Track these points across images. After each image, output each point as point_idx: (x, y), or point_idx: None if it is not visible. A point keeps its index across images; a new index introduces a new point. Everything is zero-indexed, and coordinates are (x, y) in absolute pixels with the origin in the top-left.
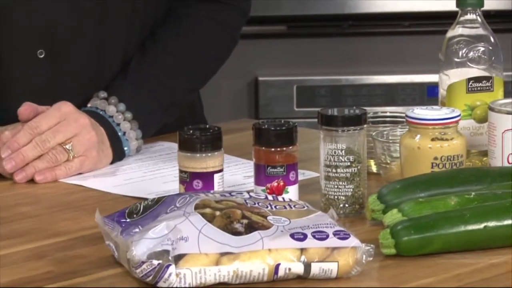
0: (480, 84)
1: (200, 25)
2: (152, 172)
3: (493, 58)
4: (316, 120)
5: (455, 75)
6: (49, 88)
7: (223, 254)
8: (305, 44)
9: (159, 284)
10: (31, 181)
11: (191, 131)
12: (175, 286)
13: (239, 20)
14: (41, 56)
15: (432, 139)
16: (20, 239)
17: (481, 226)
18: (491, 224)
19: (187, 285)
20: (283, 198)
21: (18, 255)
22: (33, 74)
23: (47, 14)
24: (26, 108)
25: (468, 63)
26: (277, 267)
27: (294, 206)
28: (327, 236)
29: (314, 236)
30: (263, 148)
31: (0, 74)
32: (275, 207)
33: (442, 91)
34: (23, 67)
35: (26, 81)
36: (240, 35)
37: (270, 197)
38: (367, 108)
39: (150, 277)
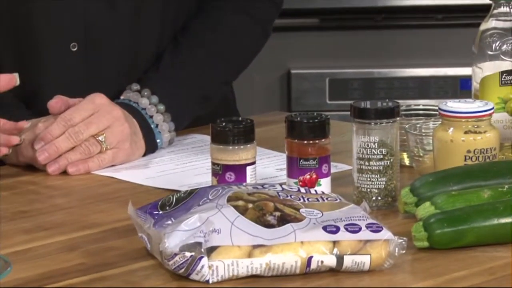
0: None
1: (232, 18)
2: (184, 164)
3: None
4: (348, 113)
5: (488, 68)
6: (83, 80)
7: (255, 246)
8: (337, 37)
9: (192, 276)
10: (64, 173)
11: (223, 124)
12: (207, 278)
13: (272, 13)
14: (74, 49)
15: (465, 132)
16: (53, 231)
17: None
18: None
19: (219, 277)
20: (315, 191)
21: (51, 246)
22: (67, 67)
23: (80, 7)
24: (57, 101)
25: (502, 56)
26: (309, 259)
27: (326, 198)
28: (360, 229)
29: (346, 229)
30: (296, 140)
31: (34, 67)
32: (307, 199)
33: (475, 84)
34: (57, 60)
35: (60, 74)
36: (273, 28)
37: (302, 190)
38: (400, 101)
39: (183, 269)
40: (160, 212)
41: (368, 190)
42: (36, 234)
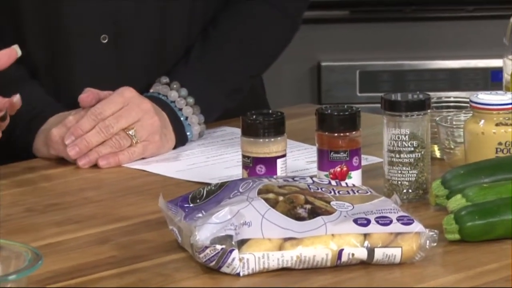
0: None
1: (261, 11)
2: (214, 157)
3: None
4: (378, 105)
5: None
6: (112, 73)
7: (286, 239)
8: (367, 29)
9: (223, 269)
10: (95, 166)
11: (254, 116)
12: (238, 271)
13: (301, 5)
14: (105, 41)
15: (497, 124)
16: (84, 224)
17: None
18: None
19: (250, 270)
20: (346, 184)
21: (82, 239)
22: (97, 60)
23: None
24: (87, 95)
25: None
26: (340, 252)
27: (357, 191)
28: (391, 222)
29: (377, 222)
30: (326, 133)
31: (64, 60)
32: (338, 192)
33: (506, 76)
34: (87, 52)
35: (90, 67)
36: (303, 20)
37: (333, 182)
38: (431, 93)
39: (214, 262)
40: (191, 205)
41: (399, 182)
42: (67, 227)
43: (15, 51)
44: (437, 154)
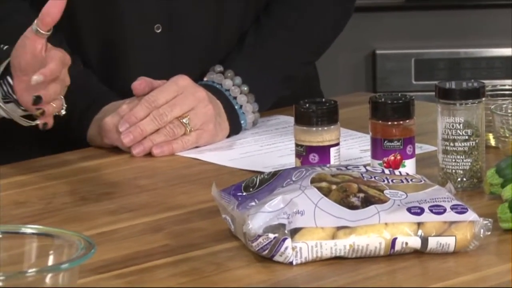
0: None
1: None
2: (268, 145)
3: None
4: (433, 93)
5: None
6: (167, 62)
7: (339, 228)
8: (423, 16)
9: (275, 258)
10: (149, 154)
11: (307, 105)
12: (291, 259)
13: None
14: (158, 31)
15: None
16: (138, 212)
17: None
18: None
19: (303, 259)
20: (400, 172)
21: (136, 228)
22: (151, 49)
23: None
24: (140, 83)
25: None
26: (393, 241)
27: (411, 180)
28: (445, 210)
29: (431, 210)
30: (380, 121)
31: (118, 49)
32: (391, 181)
33: None
34: (141, 42)
35: (144, 56)
36: (358, 8)
37: (386, 171)
38: (486, 81)
39: (266, 251)
40: (244, 194)
41: (453, 171)
42: (120, 215)
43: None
44: (492, 142)
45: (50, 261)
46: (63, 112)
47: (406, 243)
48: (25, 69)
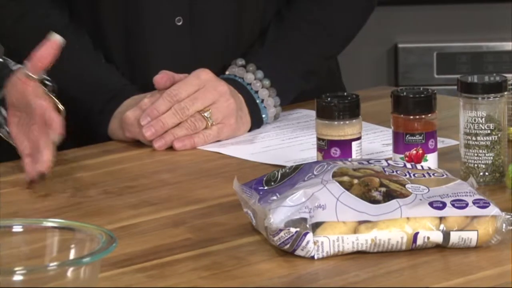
0: None
1: None
2: (289, 139)
3: None
4: (456, 87)
5: None
6: (188, 55)
7: (361, 222)
8: (445, 10)
9: (297, 252)
10: (170, 148)
11: (329, 99)
12: (313, 254)
13: None
14: (179, 24)
15: None
16: (160, 206)
17: None
18: None
19: (324, 253)
20: (421, 166)
21: (157, 222)
22: (172, 42)
23: None
24: (162, 77)
25: None
26: (415, 235)
27: (433, 174)
28: (467, 205)
29: (453, 205)
30: (402, 115)
31: (140, 43)
32: (413, 175)
33: None
34: (162, 35)
35: (165, 49)
36: (380, 2)
37: (408, 165)
38: (508, 75)
39: (288, 245)
40: (265, 188)
41: (476, 165)
42: (142, 209)
43: (55, 39)
44: None
45: (72, 254)
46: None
47: (428, 238)
48: (17, 105)
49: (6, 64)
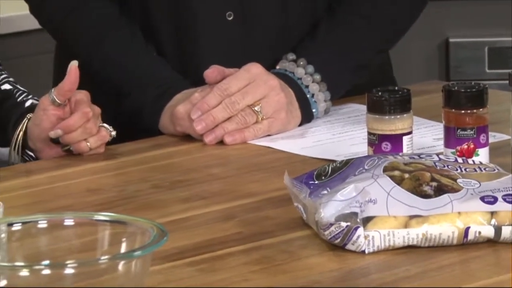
0: None
1: None
2: (340, 134)
3: None
4: (507, 82)
5: None
6: (239, 50)
7: (412, 217)
8: (497, 4)
9: (348, 246)
10: (221, 142)
11: (380, 93)
12: (363, 248)
13: None
14: (230, 18)
15: None
16: (210, 200)
17: None
18: None
19: (375, 248)
20: (473, 161)
21: (209, 215)
22: (223, 37)
23: None
24: (212, 71)
25: None
26: (467, 230)
27: (484, 169)
28: None
29: (505, 199)
30: (453, 110)
31: (190, 38)
32: (465, 169)
33: None
34: (213, 30)
35: (216, 44)
36: None
37: (460, 160)
38: None
39: (339, 239)
40: (316, 182)
41: None
42: (193, 203)
43: (74, 66)
44: None
45: (123, 248)
46: (113, 134)
47: (480, 232)
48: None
49: (15, 99)
